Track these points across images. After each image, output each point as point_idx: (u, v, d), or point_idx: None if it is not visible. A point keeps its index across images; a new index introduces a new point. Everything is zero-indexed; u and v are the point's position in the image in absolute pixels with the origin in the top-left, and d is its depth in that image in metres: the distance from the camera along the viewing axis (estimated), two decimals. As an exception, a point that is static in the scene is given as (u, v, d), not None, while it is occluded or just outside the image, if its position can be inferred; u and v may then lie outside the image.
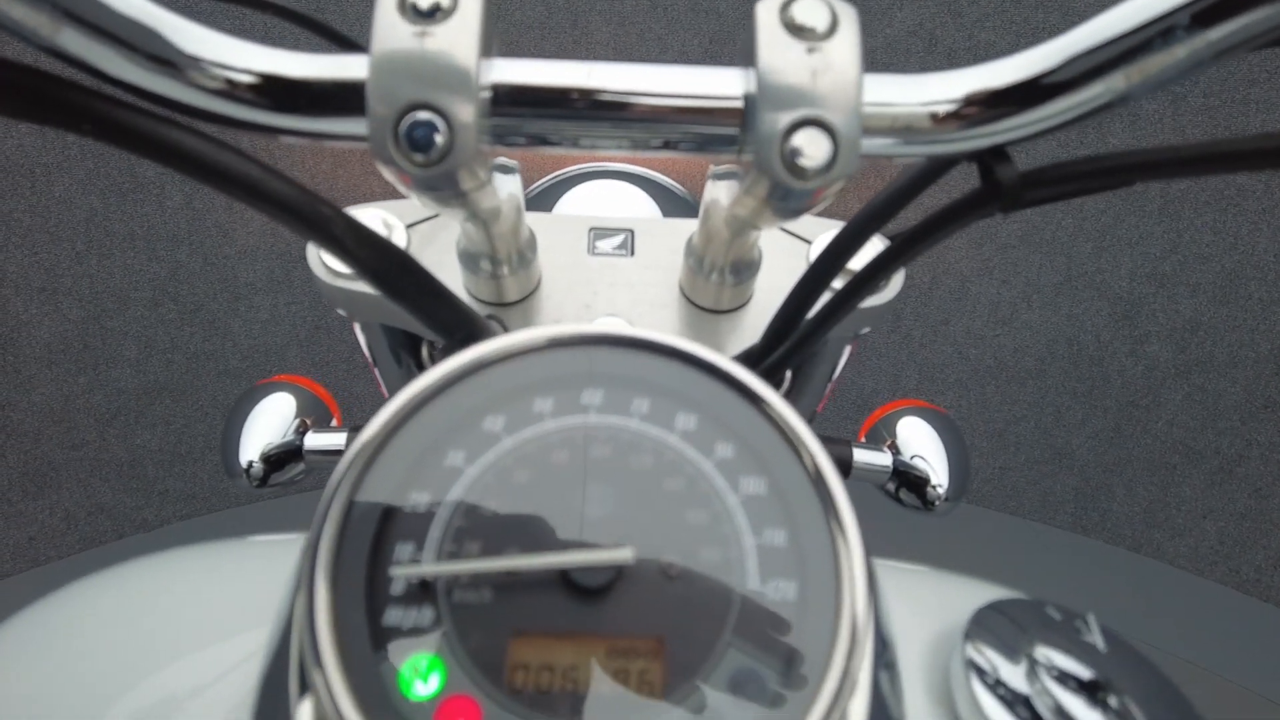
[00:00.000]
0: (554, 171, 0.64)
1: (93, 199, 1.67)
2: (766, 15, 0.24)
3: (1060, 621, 0.28)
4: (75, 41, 0.22)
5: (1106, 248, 1.79)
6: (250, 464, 0.55)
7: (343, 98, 0.23)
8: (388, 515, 0.21)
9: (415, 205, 0.44)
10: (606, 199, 0.59)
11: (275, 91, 0.23)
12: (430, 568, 0.21)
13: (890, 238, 0.42)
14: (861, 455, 0.62)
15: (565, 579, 0.21)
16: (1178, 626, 1.70)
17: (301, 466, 0.57)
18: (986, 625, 0.28)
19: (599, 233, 0.43)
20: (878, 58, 1.81)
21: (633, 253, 0.43)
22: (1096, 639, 0.27)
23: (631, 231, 0.44)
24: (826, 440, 0.64)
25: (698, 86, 0.25)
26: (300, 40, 1.69)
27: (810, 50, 0.23)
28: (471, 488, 0.22)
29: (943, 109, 0.24)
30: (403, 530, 0.21)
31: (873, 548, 0.22)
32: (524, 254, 0.39)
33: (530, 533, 0.21)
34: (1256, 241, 1.65)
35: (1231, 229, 1.67)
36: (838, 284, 0.41)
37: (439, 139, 0.22)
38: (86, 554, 1.74)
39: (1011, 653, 0.27)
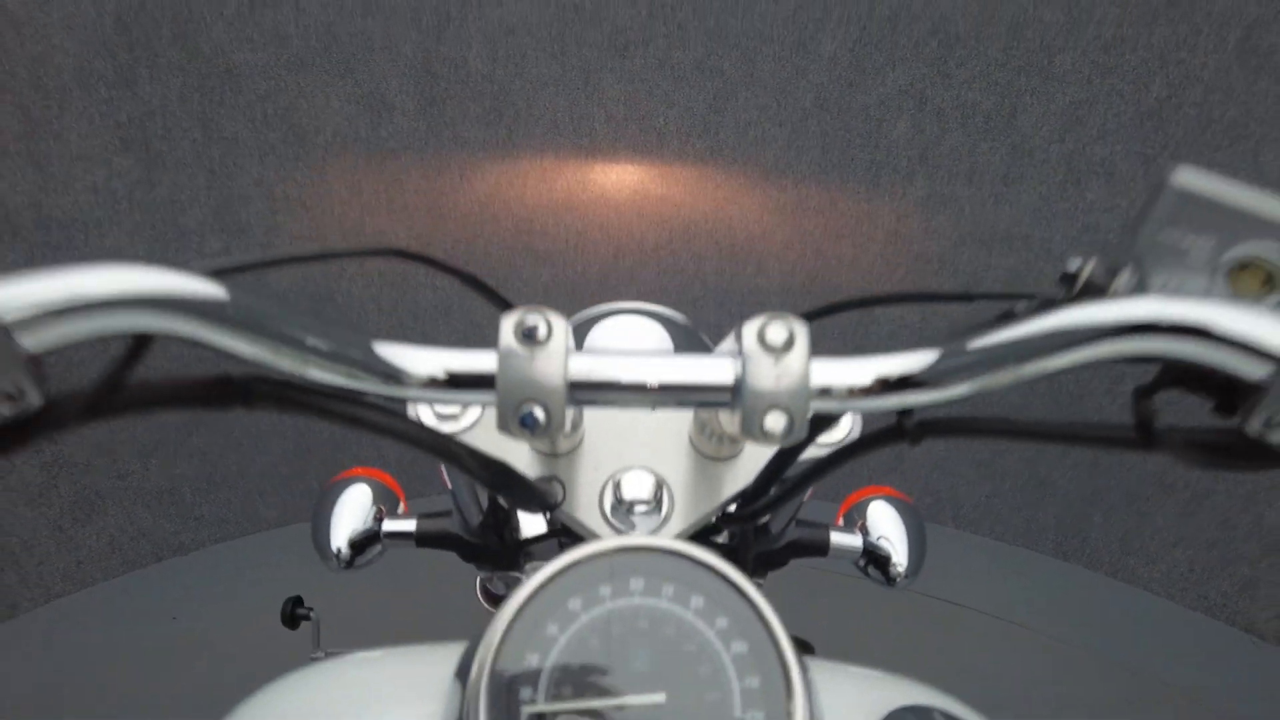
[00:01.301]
0: (584, 310, 0.76)
1: (139, 248, 1.80)
2: (749, 333, 0.35)
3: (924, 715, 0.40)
4: (316, 373, 0.33)
5: (1084, 293, 1.91)
6: (339, 550, 0.67)
7: (482, 383, 0.35)
8: (515, 669, 0.33)
9: None
10: (631, 335, 0.71)
11: (442, 382, 0.35)
12: (543, 706, 0.33)
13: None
14: (837, 538, 0.75)
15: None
16: (1154, 650, 1.82)
17: (379, 548, 0.69)
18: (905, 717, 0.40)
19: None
20: (872, 114, 1.93)
21: (654, 409, 0.55)
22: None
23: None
24: (807, 525, 0.76)
25: (704, 375, 0.36)
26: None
27: (776, 361, 0.35)
28: (563, 650, 0.34)
29: (859, 387, 0.35)
30: (525, 679, 0.33)
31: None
32: (576, 425, 0.51)
33: (600, 680, 0.34)
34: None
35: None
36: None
37: (540, 419, 0.34)
38: (127, 576, 1.86)
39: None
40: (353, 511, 0.69)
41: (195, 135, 1.79)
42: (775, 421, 0.34)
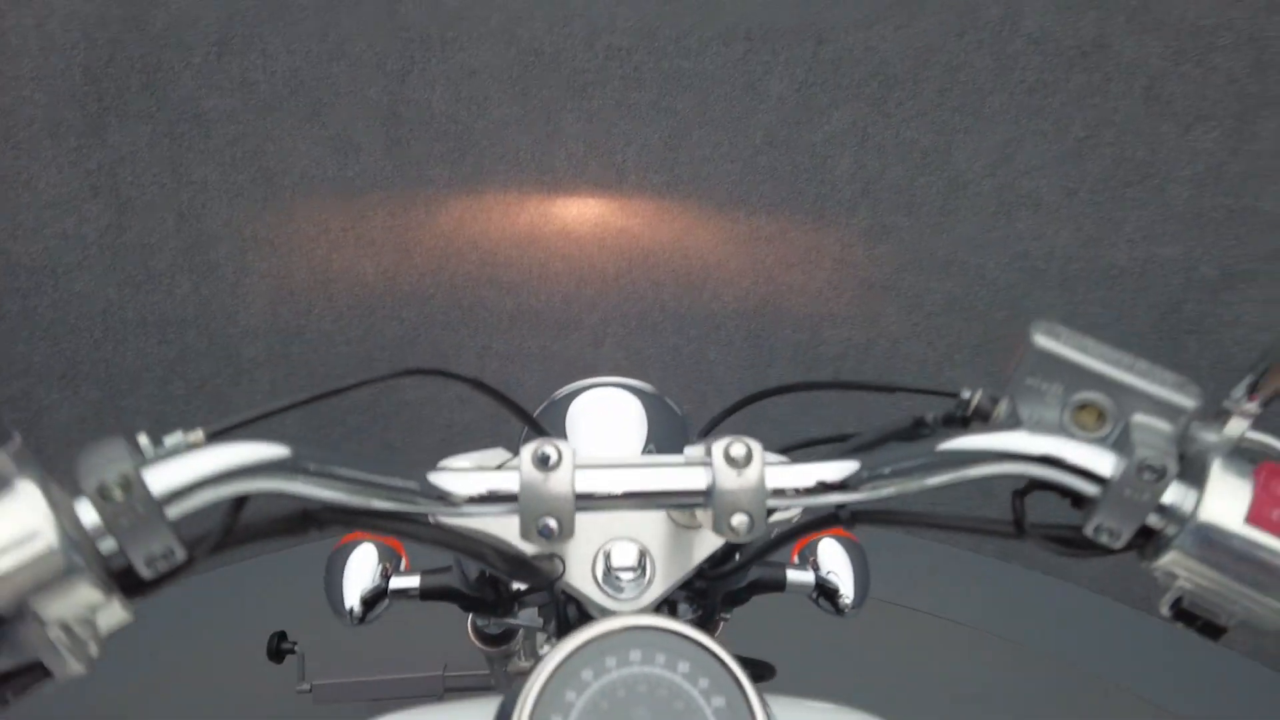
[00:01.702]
0: (565, 386, 0.84)
1: (109, 291, 1.83)
2: (717, 450, 0.45)
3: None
4: (382, 504, 0.42)
5: (1016, 316, 2.05)
6: (352, 609, 0.75)
7: (510, 499, 0.44)
8: None
9: (498, 455, 0.64)
10: (609, 406, 0.80)
11: (479, 499, 0.44)
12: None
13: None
14: (793, 575, 0.86)
15: None
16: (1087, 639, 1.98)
17: (386, 603, 0.77)
18: None
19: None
20: (818, 150, 2.05)
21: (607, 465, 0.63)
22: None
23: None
24: (766, 565, 0.87)
25: (682, 483, 0.45)
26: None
27: (739, 474, 0.44)
28: (581, 713, 0.43)
29: (805, 488, 0.46)
30: None
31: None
32: None
33: None
34: (1139, 315, 1.93)
35: (1121, 302, 1.95)
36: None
37: (555, 530, 0.44)
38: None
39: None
40: (361, 571, 0.77)
41: (165, 180, 1.84)
42: (740, 521, 0.44)
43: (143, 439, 0.42)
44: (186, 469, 0.37)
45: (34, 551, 0.32)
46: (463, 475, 0.44)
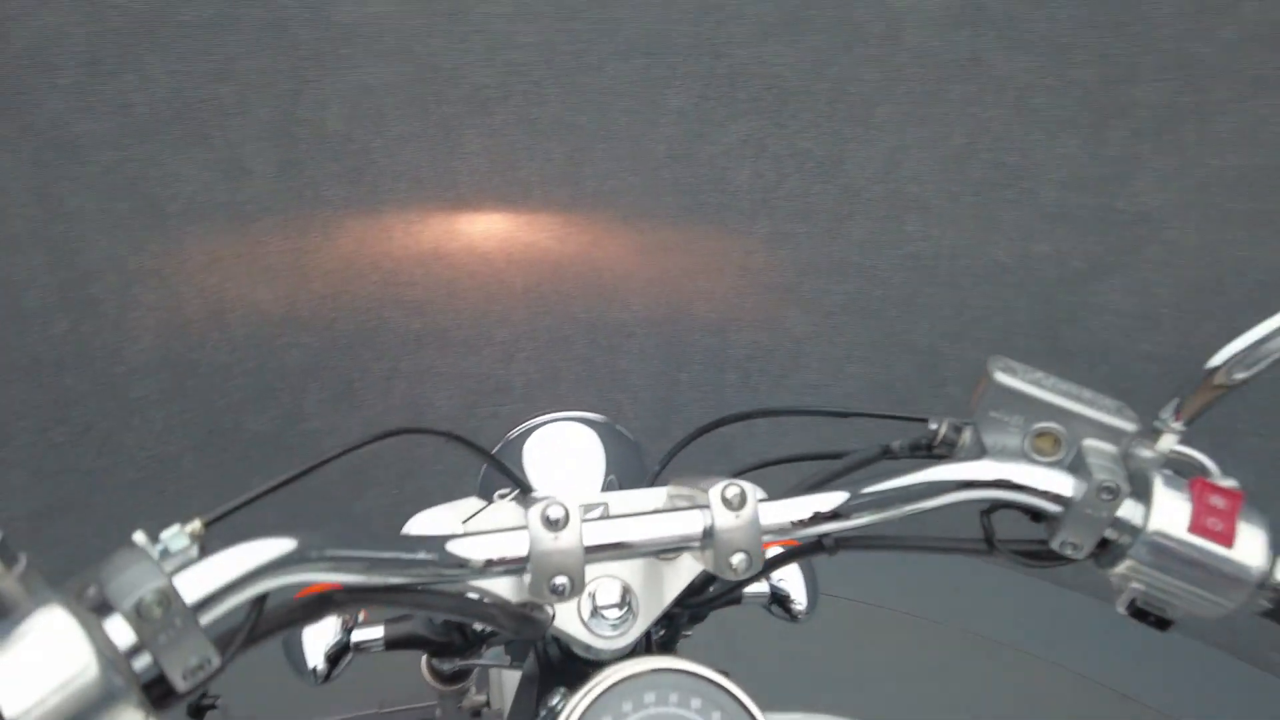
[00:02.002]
0: (520, 425, 0.84)
1: (-26, 334, 1.68)
2: (714, 495, 0.47)
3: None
4: (399, 579, 0.42)
5: (909, 313, 2.18)
6: (315, 668, 0.73)
7: (520, 561, 0.45)
8: None
9: (470, 505, 0.64)
10: (565, 440, 0.80)
11: (495, 563, 0.44)
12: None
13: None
14: (748, 589, 0.89)
15: None
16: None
17: (351, 657, 0.75)
18: None
19: (588, 507, 0.65)
20: (718, 162, 2.11)
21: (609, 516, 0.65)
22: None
23: (606, 504, 0.66)
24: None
25: (683, 530, 0.47)
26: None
27: (736, 515, 0.47)
28: None
29: (801, 520, 0.48)
30: None
31: None
32: None
33: None
34: (1018, 308, 2.08)
35: (1004, 295, 2.10)
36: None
37: (567, 587, 0.45)
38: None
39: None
40: (321, 627, 0.75)
41: (32, 213, 1.70)
42: (739, 560, 0.46)
43: (139, 537, 0.40)
44: (217, 573, 0.36)
45: (74, 685, 0.30)
46: (477, 540, 0.45)
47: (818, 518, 0.48)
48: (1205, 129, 1.77)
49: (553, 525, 0.45)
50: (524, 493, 0.67)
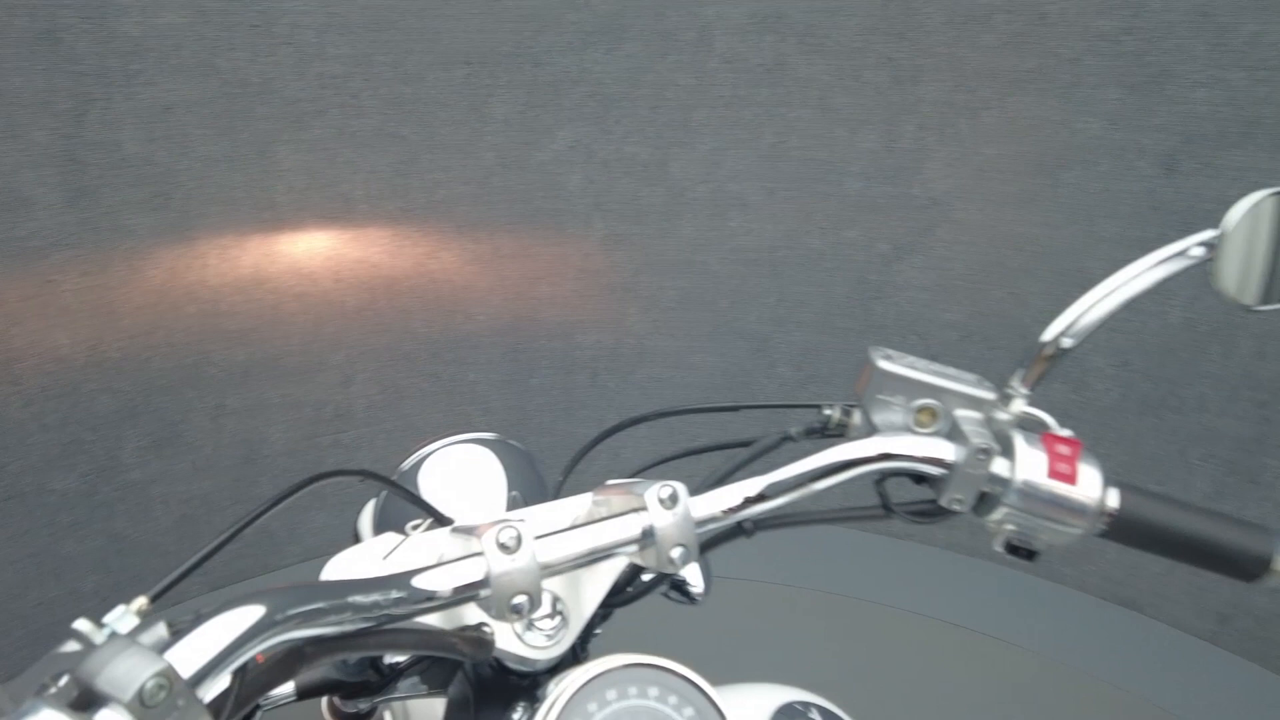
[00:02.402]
0: (415, 452, 0.83)
1: None
2: (651, 497, 0.51)
3: (801, 710, 0.60)
4: (367, 621, 0.42)
5: (738, 303, 2.31)
6: None
7: (480, 586, 0.46)
8: None
9: (388, 541, 0.63)
10: (462, 461, 0.80)
11: (460, 589, 0.45)
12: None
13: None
14: (646, 577, 0.93)
15: None
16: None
17: (260, 715, 0.71)
18: (784, 713, 0.59)
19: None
20: (549, 168, 2.14)
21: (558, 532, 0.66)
22: (817, 717, 0.60)
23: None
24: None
25: (627, 533, 0.51)
26: None
27: (672, 513, 0.51)
28: None
29: (732, 507, 0.53)
30: None
31: None
32: None
33: None
34: (835, 290, 2.27)
35: (821, 280, 2.28)
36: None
37: (526, 605, 0.47)
38: None
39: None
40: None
41: None
42: (678, 553, 0.50)
43: (83, 624, 0.38)
44: (205, 648, 0.35)
45: None
46: (439, 572, 0.46)
47: (745, 503, 0.54)
48: (977, 123, 2.02)
49: (507, 548, 0.47)
50: (440, 522, 0.68)
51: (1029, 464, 0.53)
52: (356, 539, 0.94)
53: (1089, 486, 0.53)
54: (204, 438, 2.02)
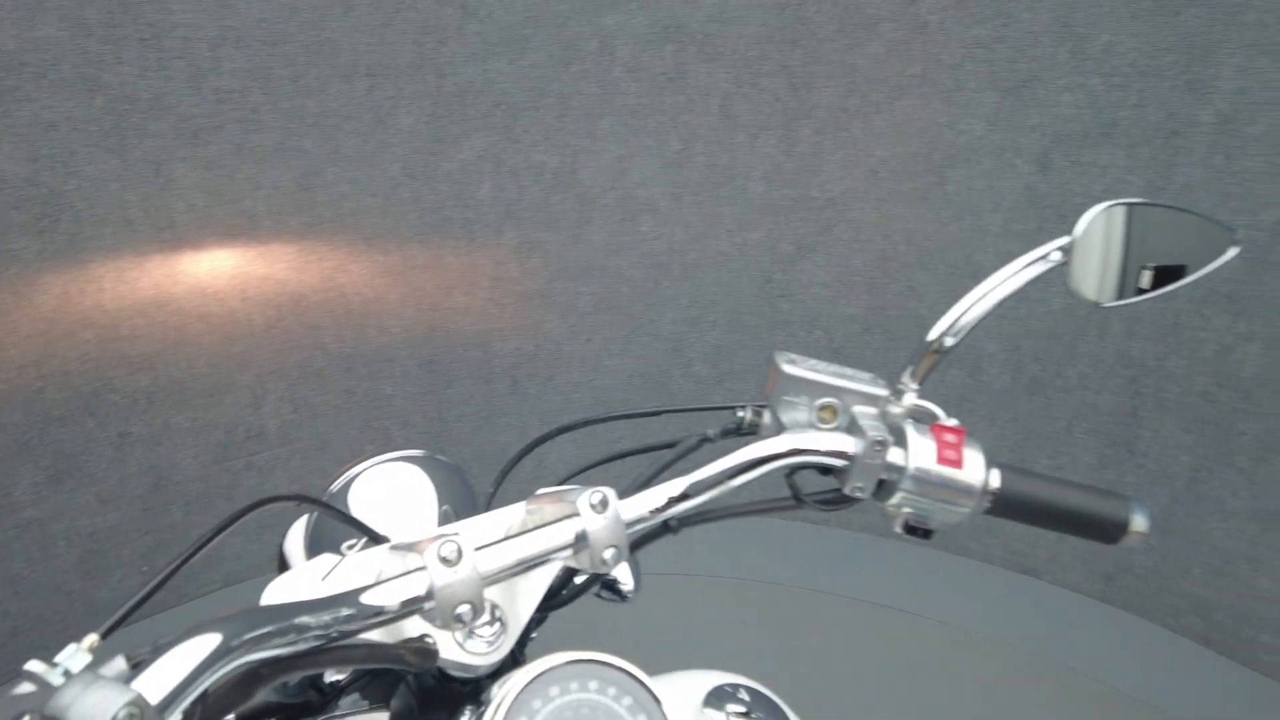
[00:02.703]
0: (335, 480, 0.83)
1: None
2: (583, 504, 0.54)
3: (731, 690, 0.65)
4: (321, 635, 0.44)
5: (653, 305, 2.37)
6: None
7: (424, 599, 0.48)
8: None
9: (326, 562, 0.65)
10: (389, 478, 0.81)
11: (406, 602, 0.47)
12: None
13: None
14: (579, 579, 0.97)
15: None
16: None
17: None
18: (715, 695, 0.63)
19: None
20: (457, 178, 2.14)
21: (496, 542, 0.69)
22: (745, 696, 0.64)
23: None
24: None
25: (563, 539, 0.54)
26: None
27: (603, 517, 0.54)
28: None
29: (658, 507, 0.57)
30: None
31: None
32: None
33: None
34: (743, 289, 2.36)
35: (729, 281, 2.36)
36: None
37: (468, 615, 0.49)
38: None
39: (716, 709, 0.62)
40: None
41: None
42: (610, 554, 0.54)
43: (36, 665, 0.39)
44: (168, 676, 0.37)
45: None
46: (385, 588, 0.48)
47: (670, 502, 0.58)
48: (869, 126, 2.13)
49: (449, 561, 0.49)
50: (375, 541, 0.69)
51: (920, 452, 0.59)
52: (283, 563, 0.94)
53: (974, 469, 0.60)
54: (108, 468, 1.94)
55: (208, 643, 0.39)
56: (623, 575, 1.00)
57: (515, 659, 0.72)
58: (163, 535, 2.03)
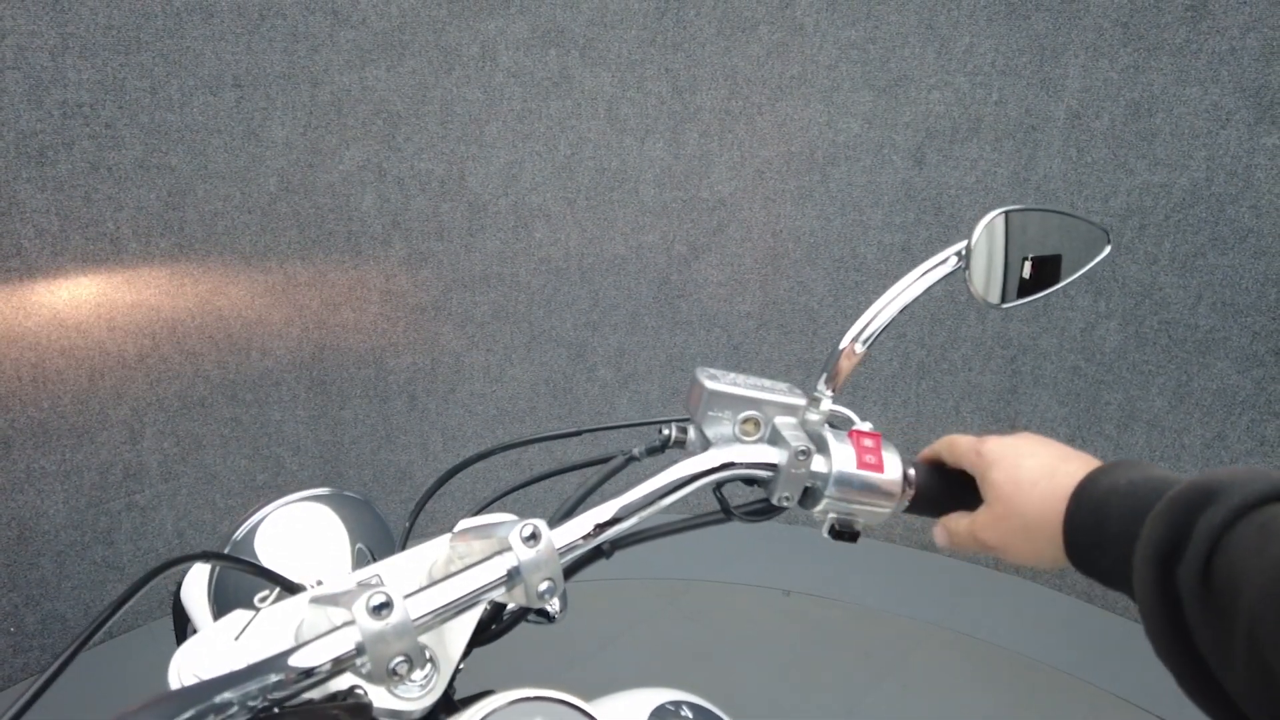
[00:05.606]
0: (240, 526, 0.78)
1: None
2: (514, 538, 0.53)
3: (673, 709, 0.65)
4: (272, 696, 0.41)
5: (552, 311, 2.35)
6: None
7: (356, 654, 0.46)
8: None
9: (239, 619, 0.61)
10: (298, 519, 0.77)
11: (337, 661, 0.45)
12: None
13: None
14: (508, 611, 0.95)
15: None
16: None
17: None
18: (658, 714, 0.63)
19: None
20: (339, 189, 2.05)
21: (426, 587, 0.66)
22: (688, 714, 0.65)
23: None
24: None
25: (494, 575, 0.52)
26: None
27: (535, 550, 0.53)
28: None
29: (587, 534, 0.56)
30: None
31: None
32: None
33: None
34: (641, 292, 2.37)
35: (627, 284, 2.36)
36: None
37: (406, 667, 0.47)
38: None
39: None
40: None
41: None
42: (545, 586, 0.53)
43: None
44: None
45: None
46: (313, 648, 0.45)
47: (601, 528, 0.57)
48: (752, 127, 2.18)
49: (378, 612, 0.47)
50: (289, 590, 0.65)
51: (841, 458, 0.61)
52: (179, 614, 0.88)
53: (892, 471, 0.62)
54: None
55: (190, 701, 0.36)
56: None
57: (448, 698, 0.70)
58: (31, 591, 1.86)
